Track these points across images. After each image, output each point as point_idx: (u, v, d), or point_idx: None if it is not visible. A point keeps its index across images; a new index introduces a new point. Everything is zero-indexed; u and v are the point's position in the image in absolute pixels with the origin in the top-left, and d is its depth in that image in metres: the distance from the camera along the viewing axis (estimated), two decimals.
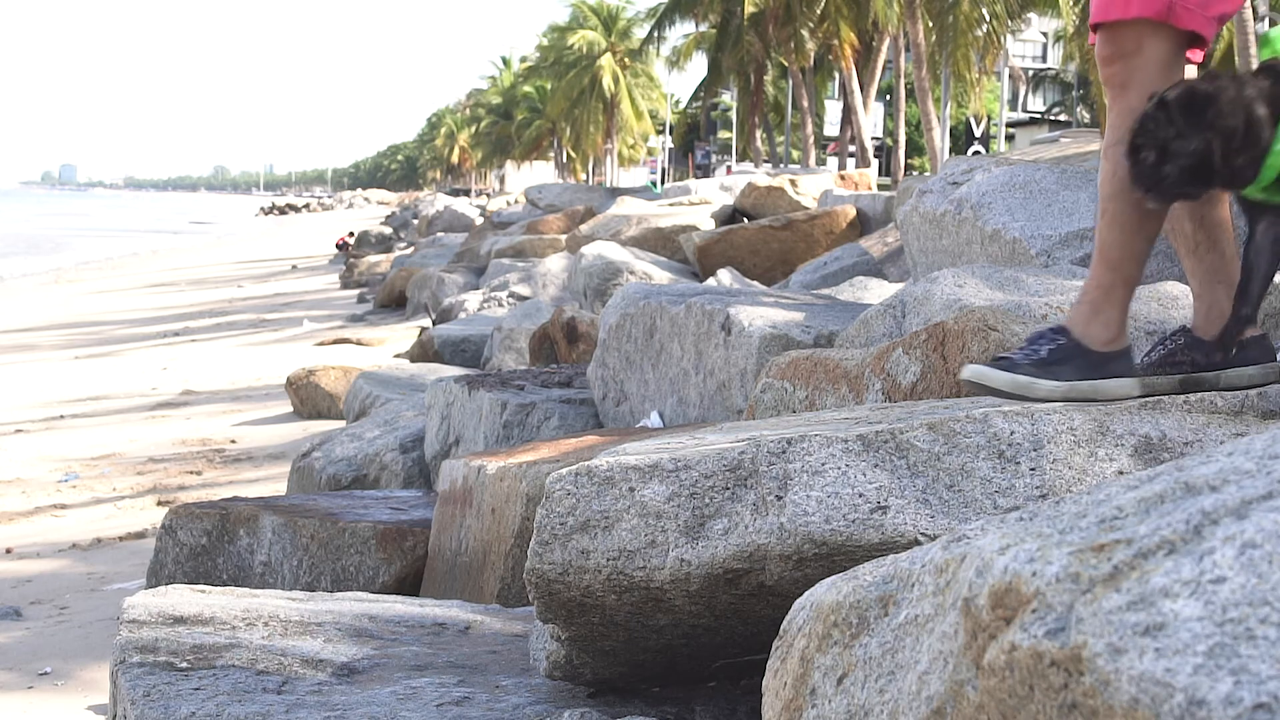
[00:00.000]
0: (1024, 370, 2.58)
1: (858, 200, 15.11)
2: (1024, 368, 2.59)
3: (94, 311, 24.99)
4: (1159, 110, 2.46)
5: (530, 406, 6.15)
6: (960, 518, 2.21)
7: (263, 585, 5.16)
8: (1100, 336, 2.63)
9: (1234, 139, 2.44)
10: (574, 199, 27.55)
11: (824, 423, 2.66)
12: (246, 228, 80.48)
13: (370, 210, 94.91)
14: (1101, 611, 1.20)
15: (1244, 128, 2.44)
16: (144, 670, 2.75)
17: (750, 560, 2.27)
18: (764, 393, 4.26)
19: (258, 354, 17.31)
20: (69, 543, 7.76)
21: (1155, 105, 2.47)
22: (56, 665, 5.39)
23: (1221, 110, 2.43)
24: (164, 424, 12.04)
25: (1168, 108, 2.44)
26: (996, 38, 27.37)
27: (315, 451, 7.55)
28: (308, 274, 34.58)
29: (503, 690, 2.76)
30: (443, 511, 4.94)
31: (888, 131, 44.88)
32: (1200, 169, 2.45)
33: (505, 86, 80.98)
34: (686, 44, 42.89)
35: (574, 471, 2.42)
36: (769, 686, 1.79)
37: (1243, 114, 2.44)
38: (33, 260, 43.96)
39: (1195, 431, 2.30)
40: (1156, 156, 2.44)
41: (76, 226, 76.49)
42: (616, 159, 58.59)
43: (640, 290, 6.24)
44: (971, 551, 1.44)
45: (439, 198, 61.12)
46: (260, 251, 47.47)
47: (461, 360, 12.14)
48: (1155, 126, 2.45)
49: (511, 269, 18.11)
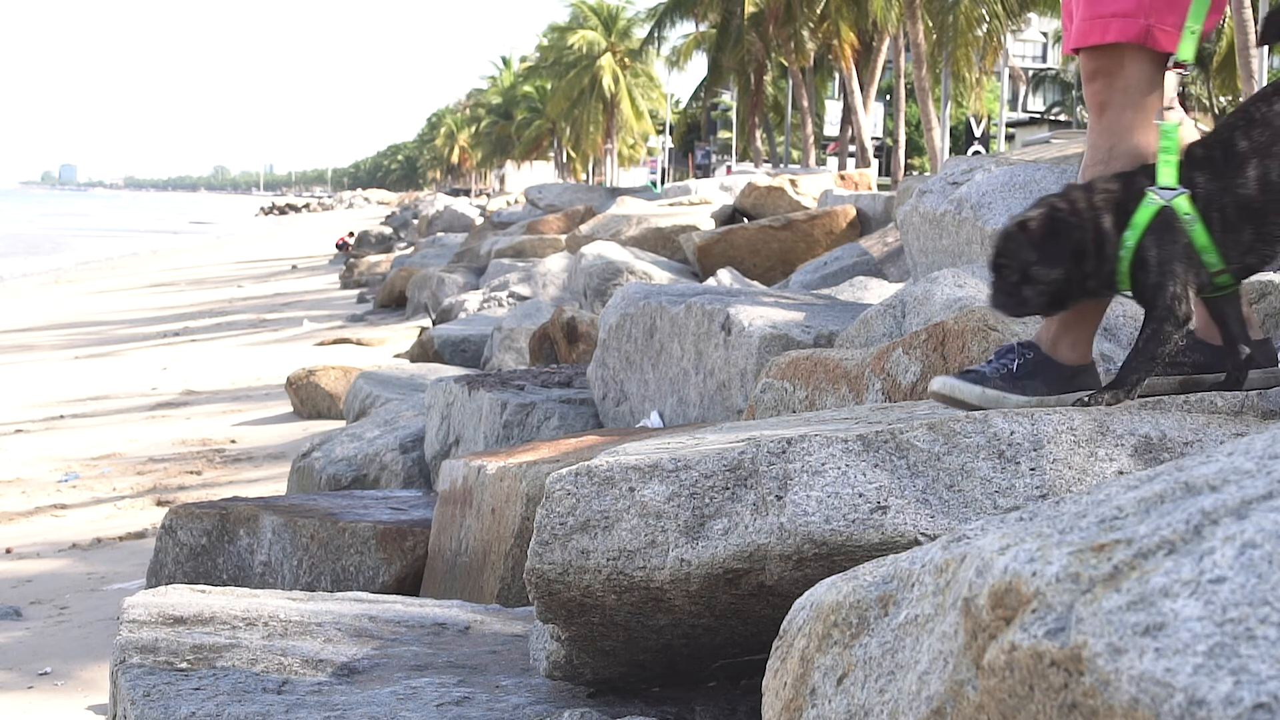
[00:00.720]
0: (993, 384, 2.63)
1: (858, 200, 15.10)
2: (993, 381, 2.63)
3: (94, 311, 24.99)
4: (1020, 232, 2.47)
5: (530, 406, 6.15)
6: (960, 518, 2.21)
7: (263, 585, 5.17)
8: (1068, 356, 2.68)
9: (1087, 260, 2.45)
10: (574, 199, 27.54)
11: (824, 422, 2.66)
12: (246, 228, 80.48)
13: (370, 210, 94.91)
14: (1101, 611, 1.20)
15: (1096, 246, 2.45)
16: (144, 670, 2.75)
17: (750, 560, 2.27)
18: (764, 393, 4.26)
19: (258, 354, 17.31)
20: (69, 543, 7.76)
21: (1017, 226, 2.48)
22: (56, 665, 5.39)
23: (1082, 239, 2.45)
24: (164, 424, 12.04)
25: (1029, 232, 2.46)
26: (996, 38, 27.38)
27: (315, 451, 7.55)
28: (308, 274, 34.58)
29: (503, 690, 2.76)
30: (443, 511, 4.94)
31: (888, 131, 44.88)
32: (1059, 294, 2.49)
33: (505, 86, 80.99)
34: (686, 44, 42.89)
35: (574, 471, 2.42)
36: (769, 686, 1.79)
37: (1093, 231, 2.45)
38: (33, 260, 43.97)
39: (1195, 431, 2.31)
40: (1018, 278, 2.47)
41: (76, 226, 76.49)
42: (616, 159, 58.59)
43: (640, 290, 6.24)
44: (971, 551, 1.44)
45: (439, 198, 61.11)
46: (260, 251, 47.47)
47: (461, 360, 12.14)
48: (1017, 248, 2.47)
49: (511, 269, 18.11)
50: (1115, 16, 2.66)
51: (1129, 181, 2.49)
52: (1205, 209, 2.42)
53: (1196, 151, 2.45)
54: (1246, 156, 2.40)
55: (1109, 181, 2.49)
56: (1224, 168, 2.42)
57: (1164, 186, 2.44)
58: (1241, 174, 2.40)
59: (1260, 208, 2.41)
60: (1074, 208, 2.46)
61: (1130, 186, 2.48)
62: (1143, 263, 2.44)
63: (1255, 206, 2.41)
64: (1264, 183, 2.39)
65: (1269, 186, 2.39)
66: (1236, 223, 2.42)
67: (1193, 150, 2.46)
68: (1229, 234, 2.42)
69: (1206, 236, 2.42)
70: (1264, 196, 2.40)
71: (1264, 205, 2.41)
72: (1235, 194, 2.41)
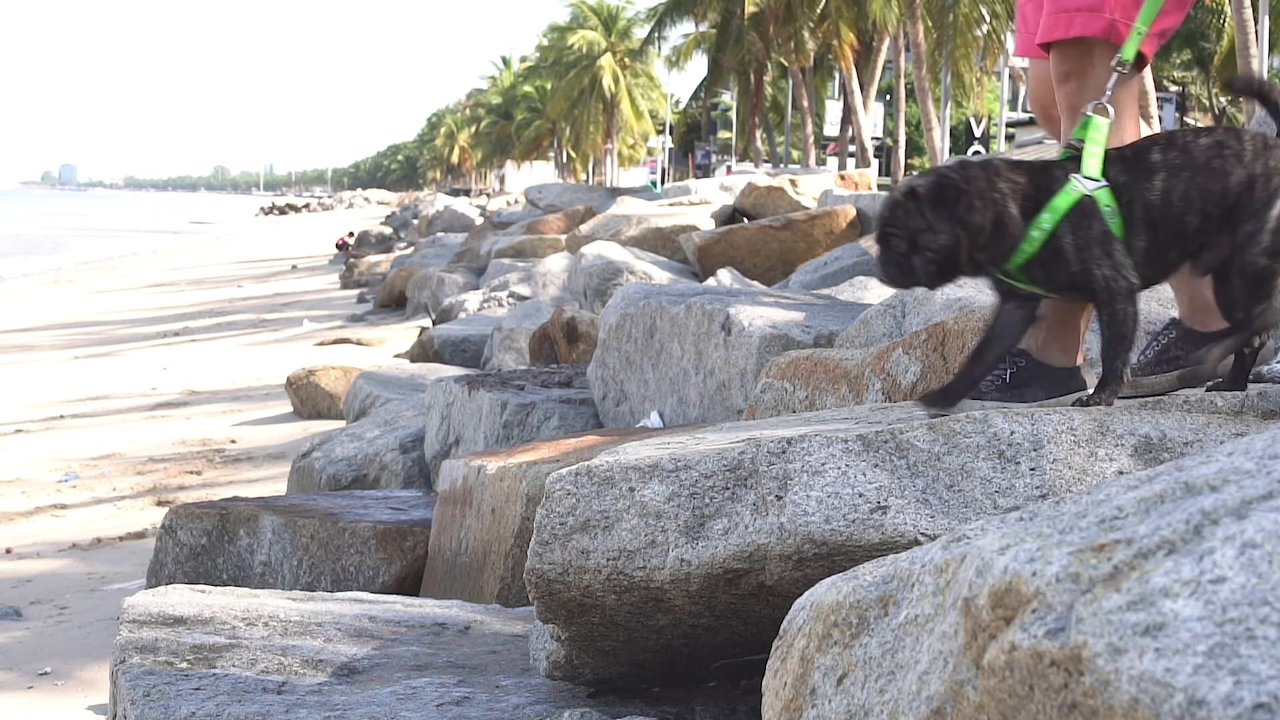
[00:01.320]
0: (990, 395, 2.63)
1: (858, 200, 15.10)
2: (990, 393, 2.64)
3: (94, 311, 24.99)
4: (909, 200, 2.45)
5: (530, 406, 6.15)
6: (960, 518, 2.21)
7: (263, 585, 5.16)
8: (1060, 360, 2.69)
9: (980, 236, 2.43)
10: (574, 199, 27.54)
11: (824, 422, 2.66)
12: (246, 228, 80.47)
13: (370, 210, 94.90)
14: (1101, 611, 1.20)
15: (992, 226, 2.43)
16: (144, 670, 2.75)
17: (750, 560, 2.27)
18: (764, 393, 4.26)
19: (258, 354, 17.31)
20: (69, 543, 7.76)
21: (905, 194, 2.46)
22: (56, 665, 5.39)
23: (971, 205, 2.43)
24: (164, 424, 12.04)
25: (917, 198, 2.43)
26: (996, 37, 27.39)
27: (315, 451, 7.56)
28: (308, 274, 34.58)
29: (503, 690, 2.76)
30: (443, 511, 4.94)
31: (888, 131, 44.86)
32: (947, 264, 2.45)
33: (505, 86, 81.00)
34: (686, 44, 42.90)
35: (574, 471, 2.42)
36: (769, 686, 1.79)
37: (992, 212, 2.44)
38: (33, 260, 43.96)
39: (1195, 431, 2.30)
40: (907, 247, 2.44)
41: (76, 226, 76.48)
42: (616, 159, 58.60)
43: (640, 290, 6.24)
44: (971, 551, 1.44)
45: (439, 198, 61.11)
46: (260, 251, 47.47)
47: (461, 360, 12.14)
48: (905, 216, 2.44)
49: (511, 269, 18.10)
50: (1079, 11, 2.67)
51: (1044, 167, 2.50)
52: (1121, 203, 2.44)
53: (1112, 154, 2.48)
54: (1157, 168, 2.45)
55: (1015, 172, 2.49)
56: (1136, 171, 2.45)
57: (1088, 176, 2.45)
58: (1150, 182, 2.44)
59: (1158, 219, 2.44)
60: (966, 177, 2.45)
61: (1045, 172, 2.49)
62: (1057, 250, 2.42)
63: (1155, 217, 2.44)
64: (1167, 198, 2.43)
65: (1170, 204, 2.43)
66: (1139, 228, 2.45)
67: (1109, 152, 2.48)
68: (1133, 237, 2.45)
69: (1123, 232, 2.44)
70: (1164, 210, 2.44)
71: (1162, 218, 2.44)
72: (1144, 198, 2.44)
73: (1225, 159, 2.43)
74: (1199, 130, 2.51)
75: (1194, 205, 2.43)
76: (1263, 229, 2.41)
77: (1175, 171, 2.43)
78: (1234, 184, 2.42)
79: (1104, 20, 2.67)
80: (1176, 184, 2.43)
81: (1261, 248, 2.41)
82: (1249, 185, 2.42)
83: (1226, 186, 2.42)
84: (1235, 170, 2.43)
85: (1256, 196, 2.42)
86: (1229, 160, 2.43)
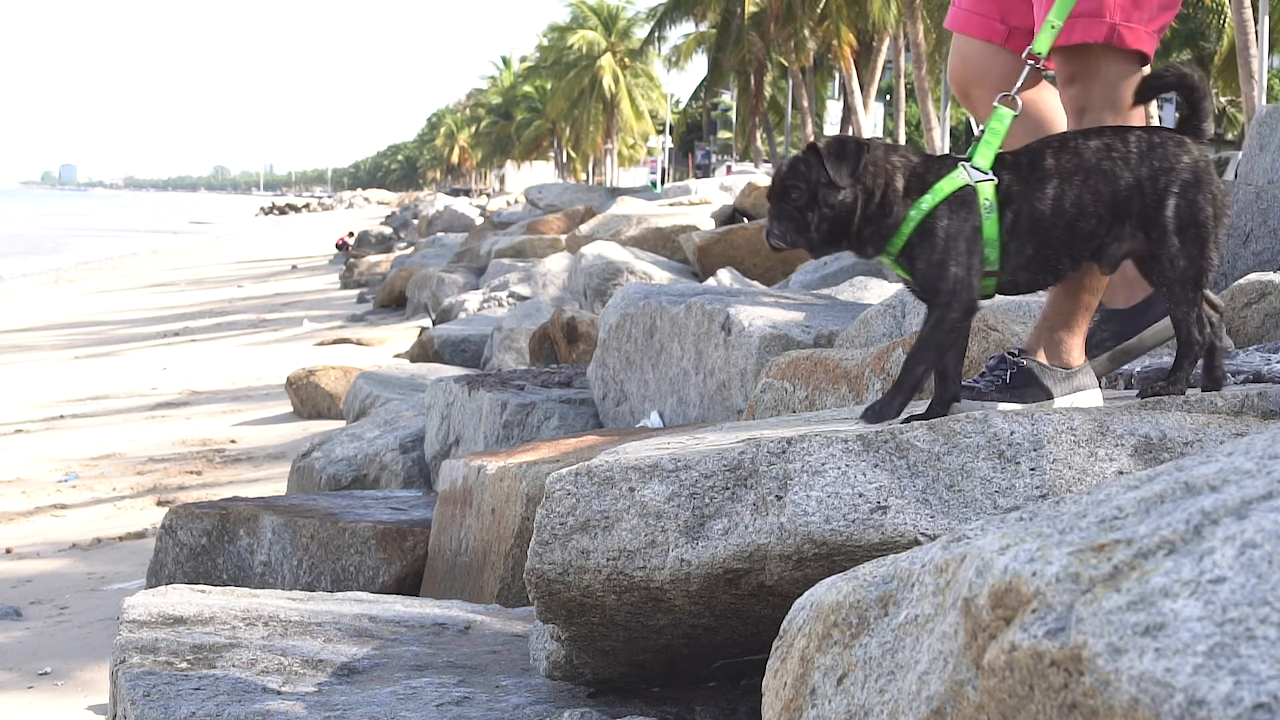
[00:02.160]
0: (991, 397, 2.62)
1: None
2: (990, 395, 2.63)
3: (94, 311, 24.99)
4: (811, 155, 2.45)
5: (530, 406, 6.15)
6: (960, 518, 2.21)
7: (263, 585, 5.17)
8: (1062, 360, 2.69)
9: (871, 203, 2.43)
10: (574, 199, 27.55)
11: (824, 422, 2.66)
12: (246, 228, 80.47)
13: (370, 210, 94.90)
14: (1101, 611, 1.20)
15: (881, 195, 2.44)
16: (144, 670, 2.75)
17: (750, 560, 2.27)
18: (764, 393, 4.26)
19: (258, 354, 17.31)
20: (69, 543, 7.76)
21: (808, 149, 2.46)
22: (56, 665, 5.39)
23: (868, 168, 2.43)
24: (164, 424, 12.05)
25: (819, 153, 2.44)
26: None
27: (315, 451, 7.56)
28: (308, 274, 34.58)
29: (503, 690, 2.76)
30: (443, 511, 4.94)
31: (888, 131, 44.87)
32: (840, 224, 2.44)
33: (505, 86, 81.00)
34: (686, 44, 42.91)
35: (574, 471, 2.42)
36: (769, 686, 1.79)
37: (884, 180, 2.44)
38: (33, 260, 43.95)
39: (1195, 431, 2.30)
40: (806, 201, 2.43)
41: (76, 226, 76.47)
42: (616, 159, 58.60)
43: (640, 290, 6.24)
44: (971, 551, 1.44)
45: (439, 198, 61.11)
46: (260, 251, 47.47)
47: (461, 360, 12.14)
48: (807, 170, 2.44)
49: (511, 269, 18.11)
50: (1080, 17, 2.68)
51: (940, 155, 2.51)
52: (1003, 204, 2.44)
53: (1006, 157, 2.48)
54: (1050, 174, 2.44)
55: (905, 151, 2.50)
56: (1028, 176, 2.45)
57: (977, 167, 2.45)
58: (1041, 189, 2.44)
59: (1048, 227, 2.44)
60: (867, 143, 2.46)
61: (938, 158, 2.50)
62: (929, 232, 2.41)
63: (1044, 224, 2.44)
64: (1058, 205, 2.43)
65: (1060, 211, 2.43)
66: (1025, 233, 2.44)
67: (1003, 154, 2.48)
68: (1014, 240, 2.44)
69: (996, 231, 2.43)
70: (1053, 218, 2.44)
71: (1051, 226, 2.44)
72: (1032, 204, 2.44)
73: (1114, 161, 2.43)
74: (1089, 131, 2.51)
75: (1086, 210, 2.43)
76: (1166, 234, 2.41)
77: (1067, 177, 2.43)
78: (1123, 186, 2.43)
79: (1105, 26, 2.68)
80: (1068, 190, 2.43)
81: (1171, 252, 2.41)
82: (1137, 188, 2.43)
83: (1116, 189, 2.43)
84: (1123, 173, 2.43)
85: (1146, 200, 2.42)
86: (1117, 163, 2.43)
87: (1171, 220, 2.42)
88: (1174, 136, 2.47)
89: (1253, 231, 5.25)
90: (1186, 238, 2.42)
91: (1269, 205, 5.29)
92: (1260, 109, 5.97)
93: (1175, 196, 2.42)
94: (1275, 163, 5.97)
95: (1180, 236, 2.41)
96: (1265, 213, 5.28)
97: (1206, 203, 2.43)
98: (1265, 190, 5.41)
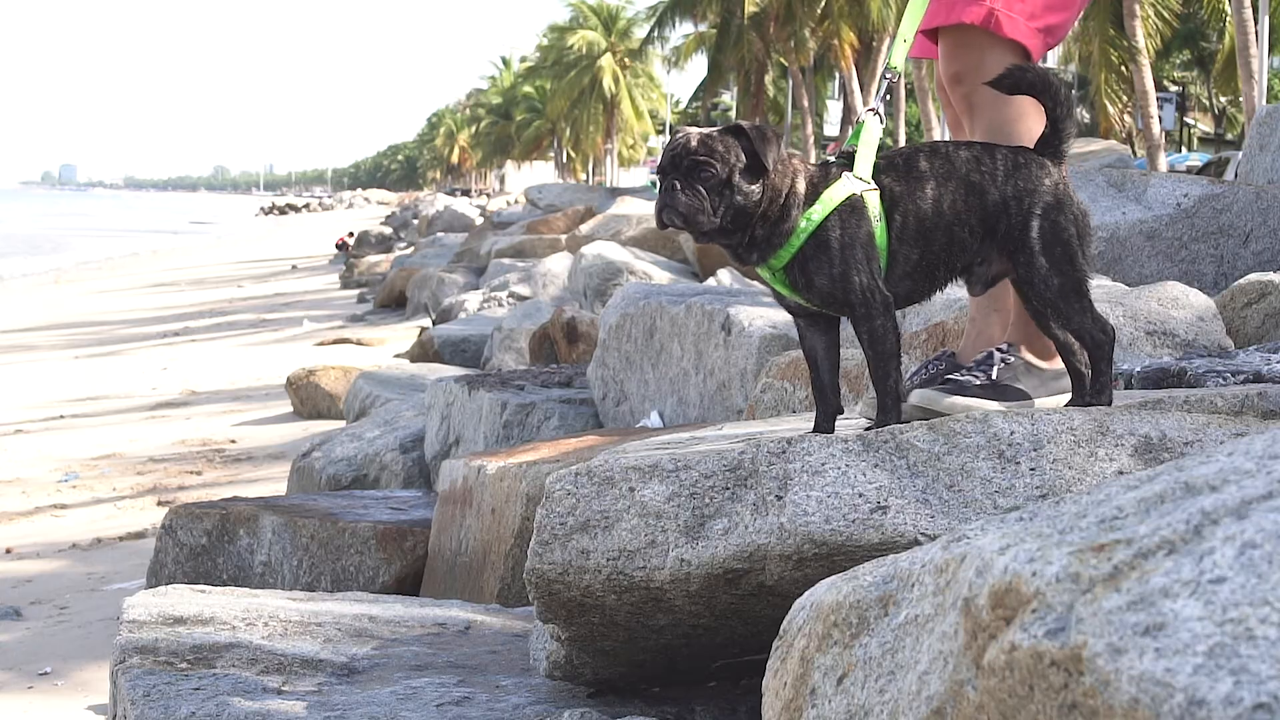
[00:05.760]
0: (973, 393, 2.62)
1: None
2: (972, 390, 2.63)
3: (94, 311, 24.99)
4: (733, 135, 2.39)
5: (530, 406, 6.15)
6: (960, 518, 2.21)
7: (263, 585, 5.17)
8: (1049, 359, 2.69)
9: (775, 203, 2.39)
10: (574, 199, 27.56)
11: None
12: (246, 228, 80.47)
13: (370, 210, 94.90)
14: (1101, 611, 1.20)
15: (784, 197, 2.40)
16: (144, 670, 2.75)
17: (750, 560, 2.27)
18: (764, 393, 4.26)
19: (258, 354, 17.31)
20: (69, 543, 7.76)
21: (731, 128, 2.40)
22: (56, 665, 5.39)
23: (778, 165, 2.39)
24: (164, 424, 12.05)
25: (747, 135, 2.39)
26: None
27: (315, 451, 7.56)
28: (308, 274, 34.58)
29: (503, 690, 2.76)
30: (443, 511, 4.94)
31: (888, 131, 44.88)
32: (743, 217, 2.38)
33: (505, 86, 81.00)
34: (686, 44, 42.90)
35: (574, 471, 2.42)
36: (769, 686, 1.79)
37: (789, 181, 2.41)
38: (33, 260, 43.96)
39: (1195, 431, 2.30)
40: (717, 184, 2.36)
41: (76, 226, 76.48)
42: (616, 159, 58.60)
43: (640, 290, 6.24)
44: (971, 551, 1.44)
45: (439, 198, 61.13)
46: (260, 251, 47.47)
47: (461, 360, 12.14)
48: (725, 150, 2.37)
49: (511, 269, 18.11)
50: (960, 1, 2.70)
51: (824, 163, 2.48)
52: (889, 210, 2.42)
53: (881, 163, 2.45)
54: (926, 177, 2.44)
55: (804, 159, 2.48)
56: (907, 176, 2.44)
57: (859, 177, 2.43)
58: (921, 189, 2.43)
59: (931, 228, 2.43)
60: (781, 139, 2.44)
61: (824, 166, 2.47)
62: (824, 244, 2.38)
63: (928, 225, 2.43)
64: (937, 206, 2.43)
65: (940, 212, 2.43)
66: (911, 237, 2.43)
67: (882, 160, 2.46)
68: (902, 245, 2.43)
69: (885, 239, 2.42)
70: (935, 218, 2.43)
71: (934, 227, 2.43)
72: (916, 204, 2.43)
73: (983, 175, 2.43)
74: (958, 143, 2.50)
75: (961, 216, 2.42)
76: (1033, 255, 2.41)
77: (943, 180, 2.43)
78: (990, 202, 2.43)
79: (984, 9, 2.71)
80: (945, 193, 2.42)
81: (1042, 273, 2.42)
82: (1004, 207, 2.43)
83: (985, 203, 2.43)
84: (990, 189, 2.43)
85: (1012, 221, 2.42)
86: (985, 177, 2.43)
87: (1037, 241, 2.42)
88: (1035, 158, 2.46)
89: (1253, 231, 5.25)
90: (1054, 256, 2.42)
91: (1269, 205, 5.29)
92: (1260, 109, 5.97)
93: (1038, 219, 2.42)
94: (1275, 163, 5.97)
95: (1047, 256, 2.42)
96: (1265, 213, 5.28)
97: (1069, 223, 2.44)
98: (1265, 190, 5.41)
